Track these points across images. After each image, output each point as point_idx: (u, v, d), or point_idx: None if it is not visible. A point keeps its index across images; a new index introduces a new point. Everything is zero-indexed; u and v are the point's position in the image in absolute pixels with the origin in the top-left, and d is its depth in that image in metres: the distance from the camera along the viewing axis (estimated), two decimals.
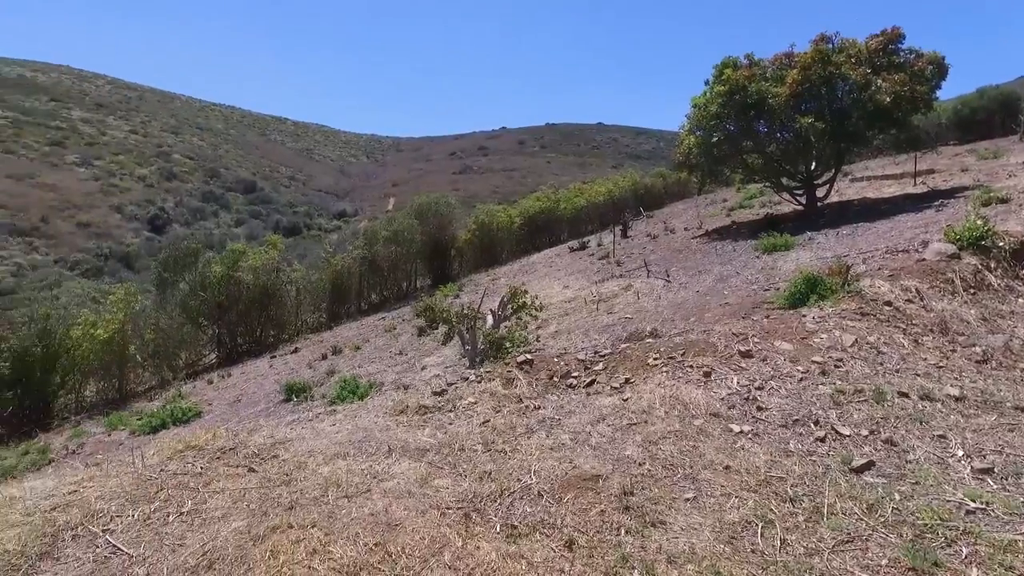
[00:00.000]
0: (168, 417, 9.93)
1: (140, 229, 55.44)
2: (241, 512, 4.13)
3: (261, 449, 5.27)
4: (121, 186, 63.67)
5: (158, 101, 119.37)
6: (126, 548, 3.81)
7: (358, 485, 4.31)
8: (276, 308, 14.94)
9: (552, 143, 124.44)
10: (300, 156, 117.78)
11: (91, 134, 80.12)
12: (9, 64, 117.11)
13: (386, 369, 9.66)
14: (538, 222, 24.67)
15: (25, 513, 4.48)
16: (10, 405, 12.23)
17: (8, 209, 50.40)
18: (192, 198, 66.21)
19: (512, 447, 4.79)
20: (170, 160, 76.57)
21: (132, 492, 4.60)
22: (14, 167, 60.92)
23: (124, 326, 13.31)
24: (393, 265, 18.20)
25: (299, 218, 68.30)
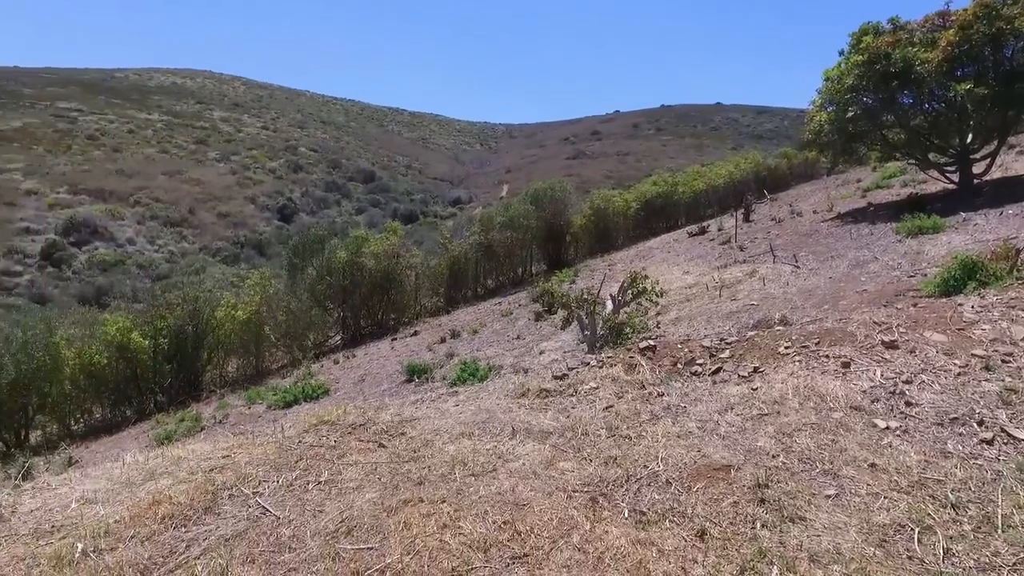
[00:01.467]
0: (300, 393, 10.60)
1: (271, 218, 59.55)
2: (374, 484, 4.31)
3: (389, 426, 5.49)
4: (254, 179, 68.56)
5: (286, 98, 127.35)
6: (274, 510, 4.08)
7: (484, 464, 4.38)
8: (396, 292, 15.55)
9: (668, 125, 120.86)
10: (416, 145, 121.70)
11: (229, 132, 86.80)
12: (163, 73, 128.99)
13: (504, 353, 9.79)
14: (655, 206, 24.10)
15: (190, 472, 4.92)
16: (169, 377, 13.56)
17: (163, 203, 55.67)
18: (316, 188, 70.21)
19: (637, 433, 4.69)
20: (297, 153, 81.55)
21: (276, 460, 4.93)
22: (167, 165, 67.14)
23: (260, 308, 14.33)
24: (508, 251, 18.42)
25: (416, 205, 70.65)
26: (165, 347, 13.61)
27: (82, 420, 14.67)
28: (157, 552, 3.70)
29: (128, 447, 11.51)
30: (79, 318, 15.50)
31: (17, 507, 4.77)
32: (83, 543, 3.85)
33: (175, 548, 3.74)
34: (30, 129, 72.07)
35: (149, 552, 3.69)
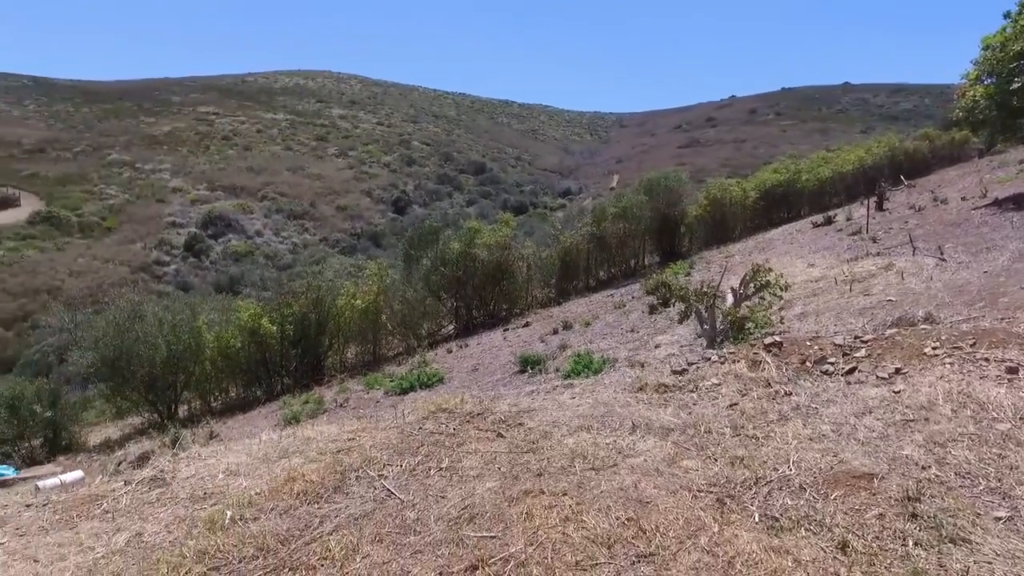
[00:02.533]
0: (415, 381, 10.94)
1: (385, 210, 62.00)
2: (493, 474, 4.36)
3: (507, 416, 5.54)
4: (370, 173, 71.56)
5: (400, 94, 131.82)
6: (398, 493, 4.21)
7: (604, 459, 4.32)
8: (508, 283, 15.73)
9: (789, 109, 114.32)
10: (526, 137, 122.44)
11: (347, 128, 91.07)
12: (288, 75, 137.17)
13: (618, 346, 9.65)
14: (775, 195, 22.88)
15: (319, 452, 5.20)
16: (294, 361, 14.45)
17: (287, 197, 59.32)
18: (429, 181, 72.31)
19: (765, 434, 4.46)
20: (410, 147, 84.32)
21: (398, 445, 5.10)
22: (291, 161, 71.44)
23: (378, 297, 14.92)
24: (621, 242, 18.16)
25: (525, 197, 71.14)
26: (291, 333, 14.49)
27: (220, 398, 15.91)
28: (294, 525, 3.92)
29: (259, 425, 12.36)
30: (217, 304, 16.84)
31: (176, 473, 5.24)
32: (231, 511, 4.15)
33: (309, 523, 3.95)
34: (177, 133, 78.90)
35: (287, 525, 3.92)
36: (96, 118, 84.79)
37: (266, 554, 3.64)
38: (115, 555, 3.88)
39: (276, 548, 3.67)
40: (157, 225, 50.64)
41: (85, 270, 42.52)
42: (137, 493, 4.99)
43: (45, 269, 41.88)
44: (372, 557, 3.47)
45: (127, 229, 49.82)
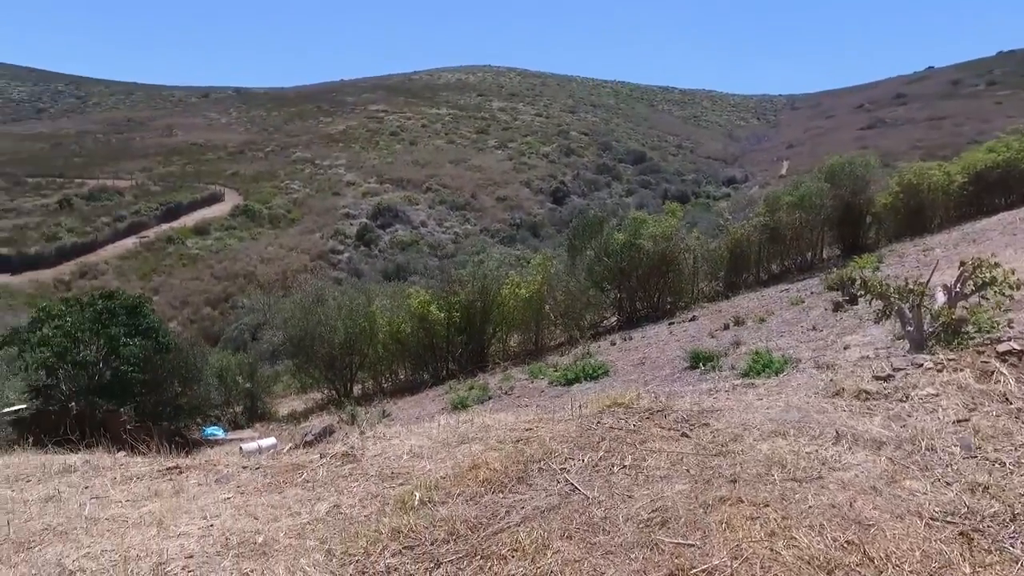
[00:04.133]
0: (580, 372, 10.86)
1: (544, 201, 62.74)
2: (681, 476, 4.13)
3: (689, 415, 5.26)
4: (529, 164, 72.73)
5: (558, 85, 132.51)
6: (582, 488, 4.11)
7: (806, 469, 3.93)
8: (674, 275, 15.21)
9: (1006, 77, 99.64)
10: (687, 124, 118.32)
11: (506, 120, 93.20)
12: (450, 72, 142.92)
13: (799, 344, 8.93)
14: (989, 179, 19.96)
15: (498, 440, 5.24)
16: (460, 348, 15.00)
17: (449, 189, 61.96)
18: (587, 171, 72.12)
19: (1014, 460, 3.83)
20: (568, 137, 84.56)
21: (577, 438, 5.00)
22: (453, 154, 74.45)
23: (541, 288, 15.04)
24: (796, 233, 16.84)
25: (687, 186, 68.85)
26: (457, 320, 15.04)
27: (390, 379, 16.91)
28: (481, 513, 3.95)
29: (427, 407, 12.93)
30: (389, 291, 17.92)
31: (365, 451, 5.54)
32: (420, 493, 4.28)
33: (496, 512, 3.96)
34: (350, 131, 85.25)
35: (475, 512, 3.96)
36: (283, 121, 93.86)
37: (456, 539, 3.69)
38: (318, 522, 4.13)
39: (466, 534, 3.71)
40: (333, 216, 55.10)
41: (274, 257, 47.29)
42: (332, 466, 5.33)
43: (243, 256, 47.15)
44: (563, 554, 3.40)
45: (308, 220, 54.70)
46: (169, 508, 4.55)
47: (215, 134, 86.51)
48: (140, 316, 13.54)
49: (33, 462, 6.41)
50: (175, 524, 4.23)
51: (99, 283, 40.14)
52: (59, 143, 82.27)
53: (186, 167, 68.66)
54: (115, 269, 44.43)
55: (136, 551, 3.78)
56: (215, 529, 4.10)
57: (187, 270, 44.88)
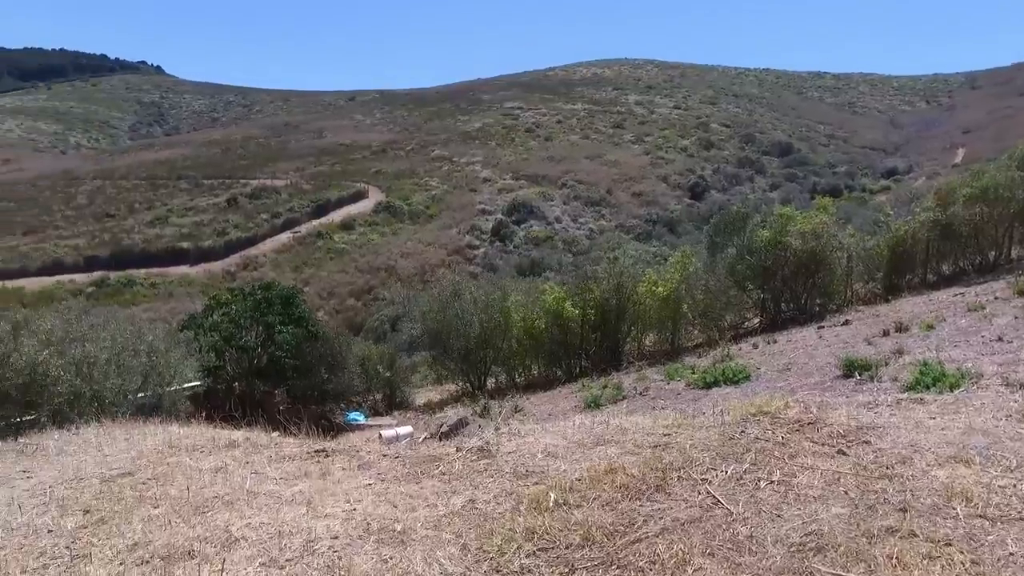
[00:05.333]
0: (720, 376, 10.36)
1: (681, 196, 60.84)
2: (839, 498, 3.75)
3: (846, 431, 4.80)
4: (666, 158, 70.77)
5: (697, 76, 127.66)
6: (725, 502, 3.86)
7: (1000, 506, 3.43)
8: (824, 275, 14.09)
9: None
10: (841, 111, 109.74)
11: (642, 114, 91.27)
12: (585, 66, 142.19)
13: (979, 357, 7.93)
14: None
15: (635, 445, 5.07)
16: (594, 345, 14.85)
17: (584, 184, 61.66)
18: (728, 164, 69.01)
19: None
20: (708, 130, 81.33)
21: (719, 448, 4.72)
22: (588, 149, 74.03)
23: (679, 286, 14.53)
24: (975, 230, 14.97)
25: (839, 179, 63.99)
26: (592, 317, 14.90)
27: (523, 374, 17.08)
28: (618, 520, 3.81)
29: (560, 404, 12.90)
30: (524, 287, 18.10)
31: (500, 447, 5.57)
32: (554, 494, 4.22)
33: (633, 520, 3.81)
34: (486, 128, 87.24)
35: (611, 518, 3.83)
36: (423, 120, 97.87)
37: (592, 545, 3.58)
38: (454, 516, 4.17)
39: (602, 541, 3.60)
40: (469, 212, 56.68)
41: (413, 252, 49.45)
42: (468, 461, 5.39)
43: (384, 251, 49.73)
44: (705, 571, 3.19)
45: (445, 216, 56.66)
46: (317, 489, 4.82)
47: (360, 135, 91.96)
48: (293, 306, 14.65)
49: (206, 435, 7.08)
50: (322, 505, 4.46)
51: (259, 274, 44.05)
52: (228, 148, 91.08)
53: (334, 166, 73.47)
54: (271, 262, 48.50)
55: (289, 527, 4.02)
56: (357, 513, 4.27)
57: (334, 263, 48.06)
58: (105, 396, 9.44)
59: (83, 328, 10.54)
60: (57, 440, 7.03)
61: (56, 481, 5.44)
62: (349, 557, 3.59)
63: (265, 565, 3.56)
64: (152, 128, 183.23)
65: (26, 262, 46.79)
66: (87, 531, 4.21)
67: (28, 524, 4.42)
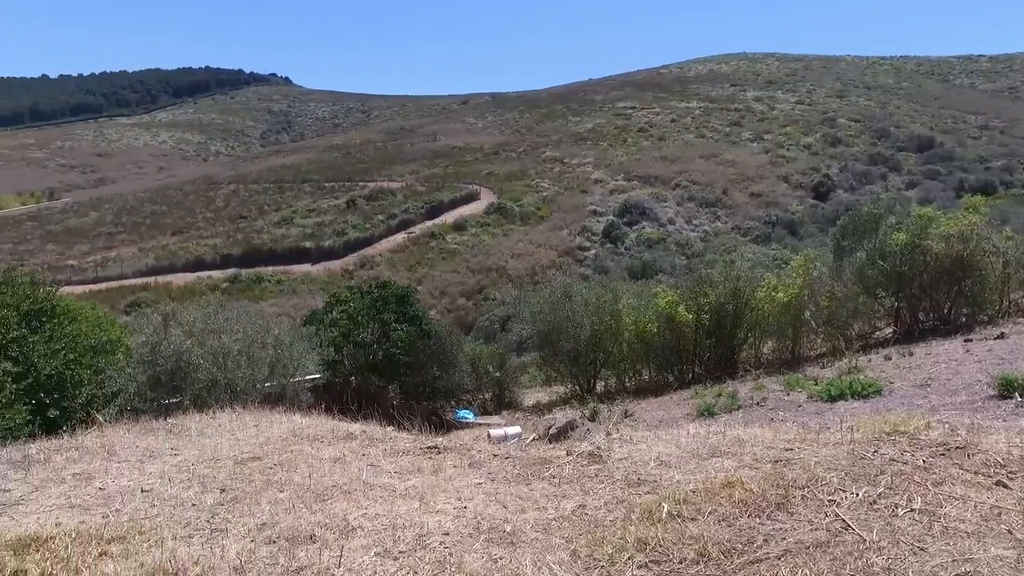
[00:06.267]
0: (847, 389, 9.68)
1: (804, 197, 57.55)
2: (1000, 538, 3.34)
3: (1006, 459, 4.29)
4: (787, 156, 67.26)
5: (823, 68, 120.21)
6: (857, 528, 3.56)
7: None
8: (973, 282, 12.78)
9: None
10: (997, 98, 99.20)
11: (761, 111, 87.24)
12: (701, 63, 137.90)
13: None
14: None
15: (754, 458, 4.81)
16: (708, 351, 14.32)
17: (699, 185, 59.78)
18: (857, 162, 64.49)
19: None
20: (835, 125, 76.46)
21: (849, 467, 4.37)
22: (703, 148, 71.73)
23: (801, 292, 13.71)
24: None
25: (992, 175, 57.99)
26: (706, 322, 14.35)
27: (634, 378, 16.75)
28: (735, 537, 3.62)
29: (671, 411, 12.53)
30: (636, 290, 17.75)
31: (611, 453, 5.46)
32: (667, 504, 4.07)
33: (752, 538, 3.60)
34: (598, 128, 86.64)
35: (728, 535, 3.64)
36: (535, 121, 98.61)
37: (707, 562, 3.42)
38: (564, 520, 4.12)
39: (718, 558, 3.42)
40: (580, 214, 56.47)
41: (523, 253, 49.89)
42: (578, 465, 5.33)
43: (495, 251, 50.51)
44: None
45: (556, 217, 56.76)
46: (429, 485, 4.93)
47: (473, 137, 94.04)
48: (408, 304, 15.17)
49: (326, 426, 7.46)
50: (434, 500, 4.55)
51: (375, 273, 46.06)
52: (348, 152, 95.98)
53: (447, 168, 75.58)
54: (387, 261, 50.54)
55: (402, 520, 4.13)
56: (468, 511, 4.32)
57: (446, 263, 49.39)
58: (237, 384, 10.16)
59: (220, 321, 11.40)
60: (197, 423, 7.64)
61: (197, 460, 5.90)
62: (460, 554, 3.63)
63: (380, 555, 3.67)
64: (280, 135, 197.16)
65: (173, 259, 51.53)
66: (223, 508, 4.53)
67: (176, 497, 4.82)
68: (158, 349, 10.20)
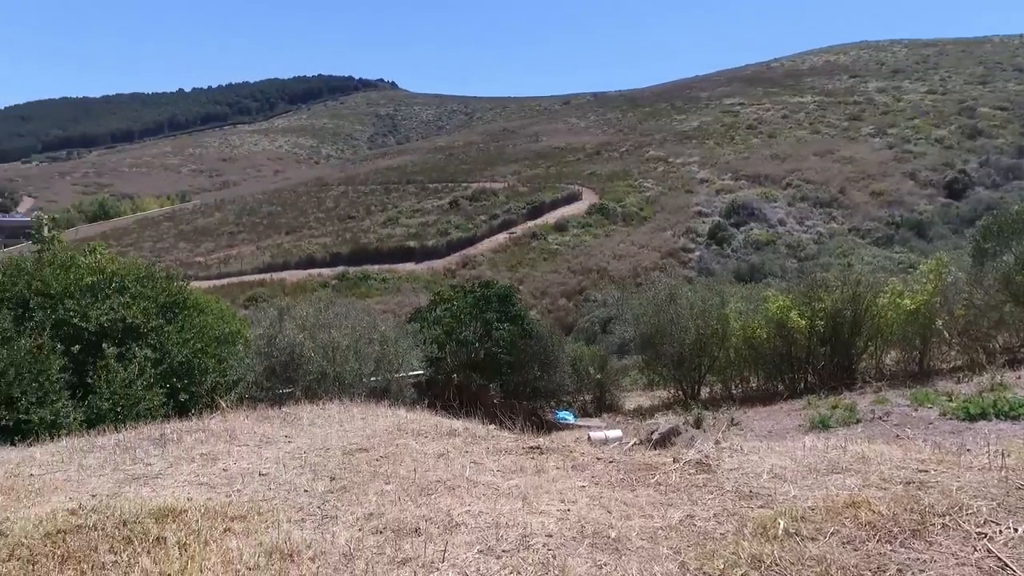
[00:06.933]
0: (990, 407, 8.80)
1: (934, 195, 53.16)
2: None
3: None
4: (915, 151, 62.39)
5: (961, 52, 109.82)
6: (1018, 570, 3.17)
7: None
8: None
9: None
10: None
11: (885, 103, 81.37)
12: (816, 54, 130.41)
13: None
14: None
15: (881, 478, 4.44)
16: (822, 360, 13.49)
17: (813, 184, 56.65)
18: (1002, 155, 58.58)
19: None
20: (974, 115, 69.82)
21: (1002, 497, 3.93)
22: (818, 145, 67.93)
23: (932, 298, 12.63)
24: None
25: None
26: (821, 329, 13.53)
27: (740, 385, 16.09)
28: (862, 563, 3.32)
29: (782, 421, 11.91)
30: (744, 293, 17.02)
31: (720, 462, 5.22)
32: (784, 521, 3.81)
33: (883, 566, 3.29)
34: (704, 126, 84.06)
35: (854, 559, 3.35)
36: (638, 121, 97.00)
37: None
38: (671, 530, 3.96)
39: None
40: (685, 214, 54.98)
41: (625, 254, 49.17)
42: (685, 473, 5.12)
43: (596, 252, 50.08)
44: None
45: (659, 218, 55.56)
46: (532, 485, 4.88)
47: (575, 137, 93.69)
48: (510, 304, 15.26)
49: (429, 421, 7.61)
50: (537, 501, 4.50)
51: (476, 272, 46.81)
52: (452, 154, 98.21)
53: (549, 169, 75.68)
54: (488, 261, 51.24)
55: (505, 519, 4.10)
56: (572, 515, 4.23)
57: (547, 264, 49.46)
58: (345, 377, 10.57)
59: (330, 317, 11.91)
60: (309, 413, 7.99)
61: (309, 448, 6.16)
62: (563, 558, 3.56)
63: (483, 553, 3.65)
64: (387, 138, 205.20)
65: (287, 257, 54.65)
66: (333, 496, 4.68)
67: (290, 482, 5.04)
68: (274, 342, 10.79)
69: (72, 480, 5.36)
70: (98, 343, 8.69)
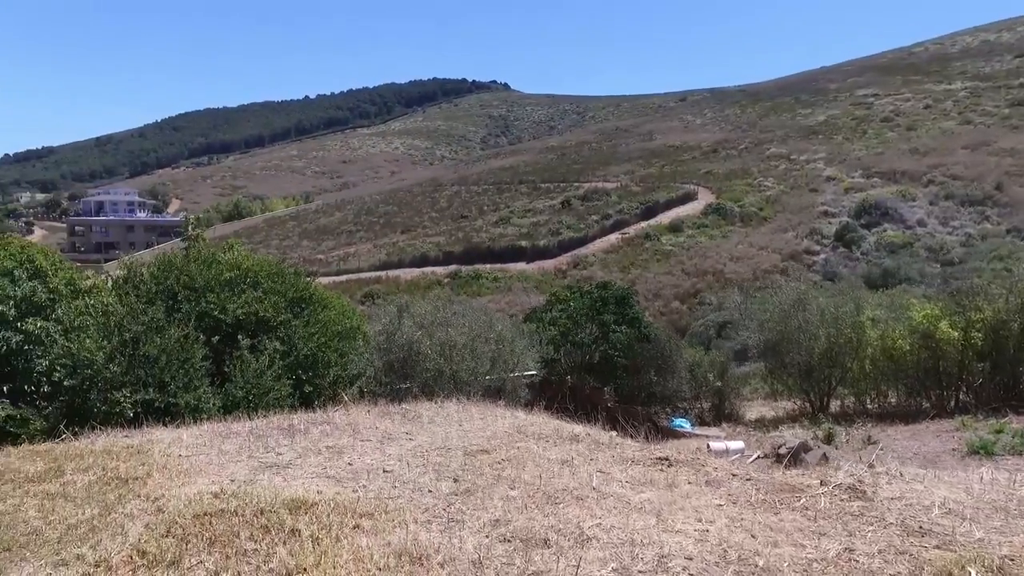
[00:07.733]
0: None
1: None
2: None
3: None
4: None
5: None
6: None
7: None
8: None
9: None
10: None
11: None
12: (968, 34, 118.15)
13: None
14: None
15: None
16: (980, 377, 12.11)
17: (961, 180, 51.64)
18: None
19: None
20: None
21: None
22: (969, 137, 61.86)
23: None
24: None
25: None
26: (978, 342, 12.15)
27: (876, 400, 14.82)
28: None
29: (929, 443, 10.79)
30: (883, 301, 15.63)
31: (877, 489, 4.68)
32: (975, 570, 3.30)
33: None
34: (832, 121, 78.91)
35: None
36: (758, 116, 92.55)
37: None
38: (828, 564, 3.56)
39: None
40: (809, 215, 51.79)
41: (743, 256, 46.99)
42: (836, 498, 4.64)
43: (712, 254, 48.20)
44: None
45: (781, 219, 52.66)
46: (665, 501, 4.56)
47: (690, 135, 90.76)
48: (627, 306, 14.85)
49: (549, 425, 7.43)
50: (672, 518, 4.19)
51: (587, 273, 46.30)
52: (564, 153, 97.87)
53: (663, 168, 73.72)
54: (600, 261, 50.54)
55: (640, 536, 3.83)
56: (711, 536, 3.91)
57: (660, 265, 48.13)
58: (460, 376, 10.62)
59: (447, 315, 12.03)
60: (428, 410, 8.03)
61: (430, 447, 6.14)
62: None
63: (617, 572, 3.42)
64: (499, 139, 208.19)
65: (402, 255, 56.51)
66: (457, 498, 4.58)
67: (414, 481, 5.01)
68: (393, 338, 11.02)
69: (214, 463, 5.62)
70: (234, 335, 9.21)
